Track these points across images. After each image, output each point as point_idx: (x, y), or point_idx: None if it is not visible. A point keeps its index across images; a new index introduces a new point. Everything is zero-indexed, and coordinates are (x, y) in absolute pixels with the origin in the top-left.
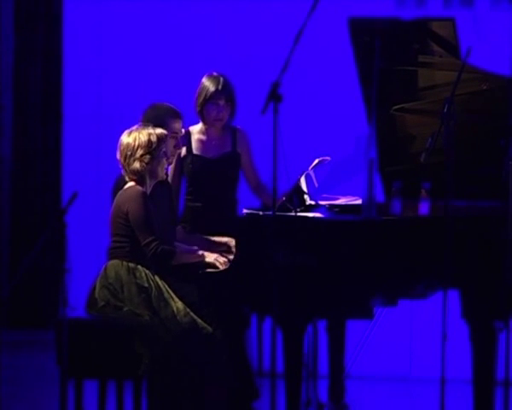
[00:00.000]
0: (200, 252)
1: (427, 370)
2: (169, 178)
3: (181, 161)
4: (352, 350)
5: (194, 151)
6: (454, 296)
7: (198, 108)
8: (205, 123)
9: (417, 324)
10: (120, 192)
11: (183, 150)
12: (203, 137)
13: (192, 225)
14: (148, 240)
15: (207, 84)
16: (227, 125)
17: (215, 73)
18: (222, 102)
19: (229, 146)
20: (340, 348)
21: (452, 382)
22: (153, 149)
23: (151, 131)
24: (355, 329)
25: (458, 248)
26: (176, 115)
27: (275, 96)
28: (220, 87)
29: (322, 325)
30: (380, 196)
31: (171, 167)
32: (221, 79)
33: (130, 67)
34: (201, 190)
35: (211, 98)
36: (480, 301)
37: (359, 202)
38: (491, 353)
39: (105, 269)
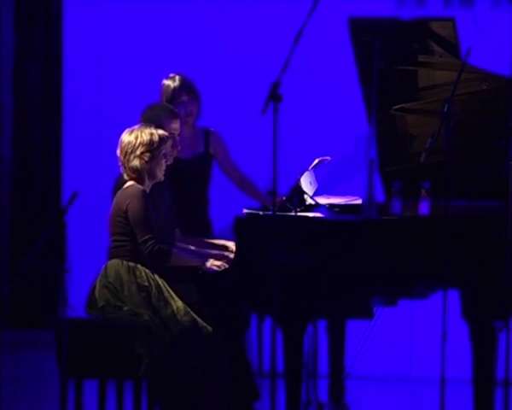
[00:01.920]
0: (198, 259)
1: (427, 370)
2: None
3: None
4: (352, 350)
5: None
6: (454, 296)
7: None
8: None
9: (417, 324)
10: (120, 191)
11: None
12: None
13: None
14: (145, 238)
15: (165, 87)
16: (199, 126)
17: (171, 74)
18: (185, 98)
19: (202, 147)
20: (340, 348)
21: (452, 382)
22: (153, 149)
23: (153, 131)
24: (355, 329)
25: (458, 248)
26: (173, 115)
27: (275, 96)
28: (177, 84)
29: (322, 325)
30: (380, 196)
31: None
32: (176, 77)
33: (131, 67)
34: (175, 190)
35: (173, 99)
36: (480, 301)
37: (359, 201)
38: (491, 353)
39: (105, 268)
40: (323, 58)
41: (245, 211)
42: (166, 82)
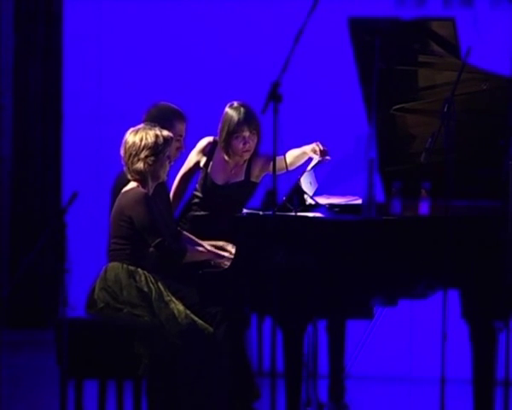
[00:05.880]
0: (209, 247)
1: (427, 370)
2: (179, 174)
3: (198, 167)
4: (352, 350)
5: (209, 169)
6: (454, 296)
7: (222, 144)
8: (230, 156)
9: (417, 324)
10: (122, 194)
11: (204, 159)
12: (224, 159)
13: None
14: (157, 241)
15: (228, 116)
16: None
17: (235, 103)
18: (247, 134)
19: (243, 175)
20: (340, 348)
21: (452, 382)
22: (158, 152)
23: (158, 132)
24: (355, 329)
25: (458, 248)
26: (182, 118)
27: (275, 96)
28: (241, 117)
29: (322, 325)
30: (380, 196)
31: (185, 166)
32: (241, 108)
33: (131, 66)
34: (206, 205)
35: (234, 132)
36: (480, 301)
37: (359, 201)
38: (491, 353)
39: (105, 271)
40: (323, 58)
41: (245, 211)
42: (230, 112)
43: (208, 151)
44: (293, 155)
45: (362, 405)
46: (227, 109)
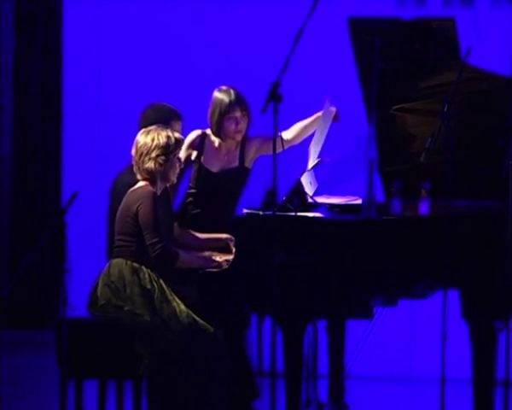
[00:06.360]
0: (206, 256)
1: (427, 370)
2: None
3: (189, 161)
4: (352, 350)
5: (202, 160)
6: (454, 296)
7: (214, 127)
8: (222, 139)
9: (417, 324)
10: (131, 192)
11: (194, 153)
12: (216, 147)
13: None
14: (153, 240)
15: (218, 100)
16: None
17: (223, 87)
18: (238, 114)
19: (237, 161)
20: (340, 348)
21: (452, 382)
22: (169, 152)
23: (170, 134)
24: (355, 329)
25: (458, 248)
26: (178, 117)
27: (275, 96)
28: (233, 99)
29: (322, 325)
30: (380, 196)
31: None
32: (231, 91)
33: (131, 66)
34: (202, 198)
35: (226, 113)
36: (480, 301)
37: (359, 201)
38: (491, 353)
39: (108, 267)
40: (323, 58)
41: (245, 211)
42: (220, 95)
43: (198, 144)
44: (301, 126)
45: (362, 405)
46: (216, 93)
